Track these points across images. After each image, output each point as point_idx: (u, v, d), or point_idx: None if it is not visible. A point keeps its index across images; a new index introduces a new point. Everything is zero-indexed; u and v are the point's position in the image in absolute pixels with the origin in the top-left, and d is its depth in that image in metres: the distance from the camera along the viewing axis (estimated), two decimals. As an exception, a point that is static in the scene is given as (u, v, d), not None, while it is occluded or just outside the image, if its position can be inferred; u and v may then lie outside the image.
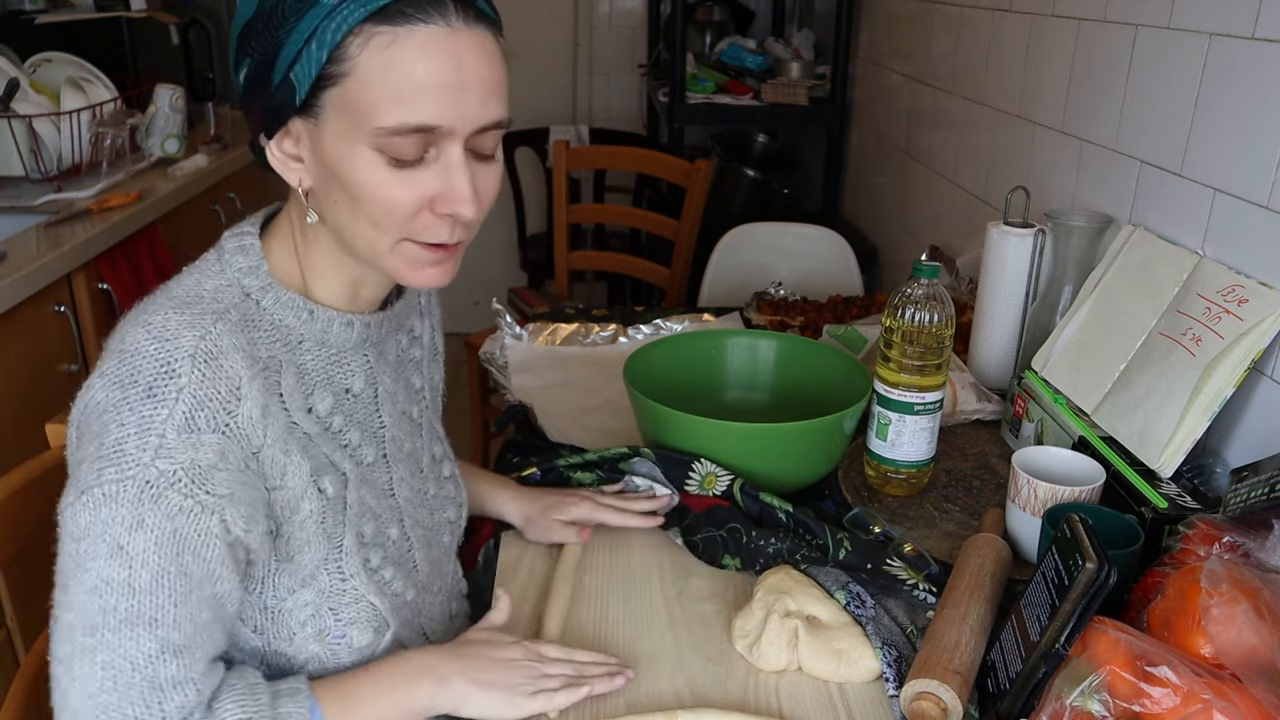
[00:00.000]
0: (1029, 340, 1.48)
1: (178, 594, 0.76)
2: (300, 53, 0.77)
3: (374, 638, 0.92)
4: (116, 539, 0.75)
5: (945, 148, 2.17)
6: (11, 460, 1.06)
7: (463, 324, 3.39)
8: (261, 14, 0.79)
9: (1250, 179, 1.16)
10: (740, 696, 0.94)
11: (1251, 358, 1.10)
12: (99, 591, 0.75)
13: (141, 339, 0.78)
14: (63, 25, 2.52)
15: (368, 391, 0.94)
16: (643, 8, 3.86)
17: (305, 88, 0.78)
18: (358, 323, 0.91)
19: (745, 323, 1.85)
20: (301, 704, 0.82)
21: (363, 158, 0.79)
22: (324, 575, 0.88)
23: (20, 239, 1.86)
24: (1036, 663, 0.83)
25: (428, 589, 1.03)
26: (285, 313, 0.87)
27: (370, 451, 0.94)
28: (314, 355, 0.89)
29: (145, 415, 0.76)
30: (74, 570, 0.76)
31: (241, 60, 0.81)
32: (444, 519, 1.06)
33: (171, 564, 0.76)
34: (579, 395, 1.56)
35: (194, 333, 0.79)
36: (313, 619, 0.88)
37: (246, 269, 0.87)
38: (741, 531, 1.12)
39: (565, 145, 2.58)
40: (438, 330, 1.12)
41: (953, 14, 2.11)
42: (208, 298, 0.84)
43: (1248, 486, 0.95)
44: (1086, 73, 1.54)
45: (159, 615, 0.75)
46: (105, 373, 0.78)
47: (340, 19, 0.76)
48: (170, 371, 0.77)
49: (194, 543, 0.76)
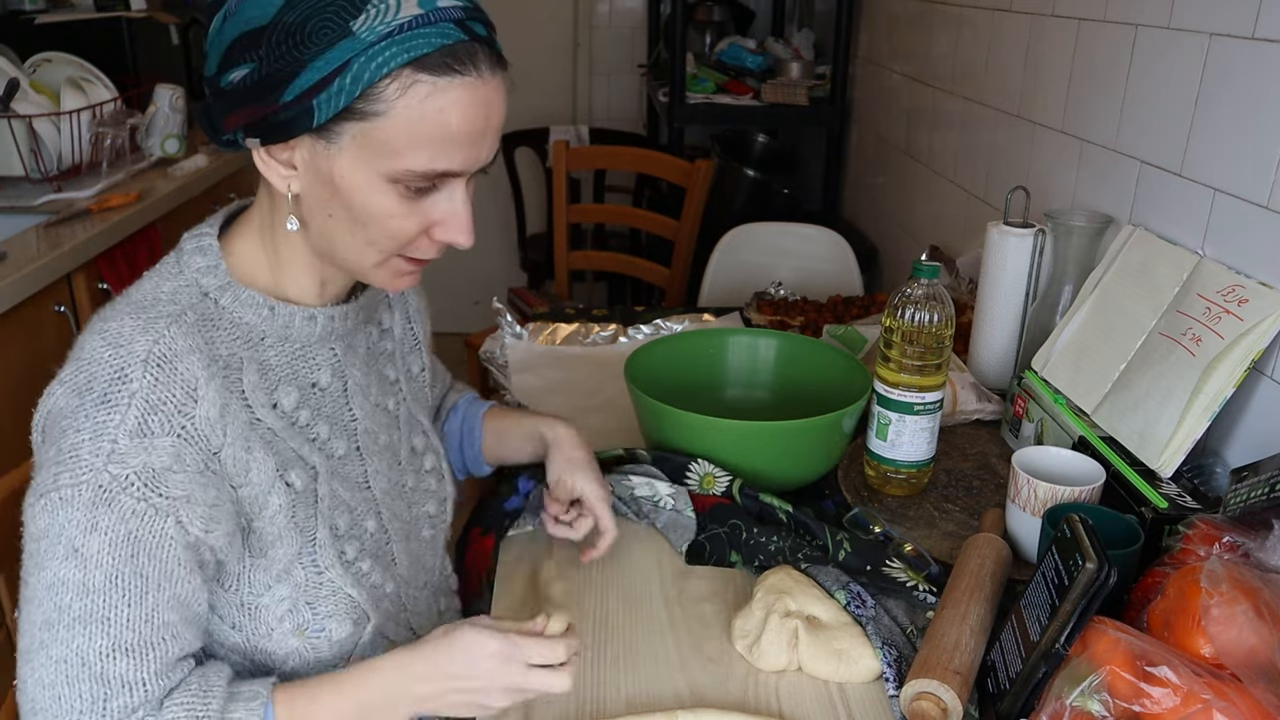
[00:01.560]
0: (1029, 340, 1.48)
1: (132, 594, 0.78)
2: (326, 80, 0.77)
3: (354, 629, 0.93)
4: (72, 541, 0.77)
5: (945, 148, 2.17)
6: (11, 460, 1.06)
7: (463, 324, 3.39)
8: (279, 26, 0.77)
9: (1250, 179, 1.16)
10: (740, 696, 0.94)
11: (1251, 358, 1.10)
12: (55, 590, 0.77)
13: (97, 345, 0.80)
14: (63, 25, 2.52)
15: (336, 385, 0.95)
16: (643, 8, 3.86)
17: (326, 115, 0.78)
18: (320, 316, 0.92)
19: (745, 323, 1.85)
20: (255, 710, 0.81)
21: (376, 188, 0.81)
22: (299, 569, 0.89)
23: (20, 239, 1.86)
24: (1036, 663, 0.83)
25: (411, 583, 1.03)
26: (245, 310, 0.88)
27: (341, 444, 0.95)
28: (277, 351, 0.90)
29: (99, 421, 0.78)
30: (33, 568, 0.79)
31: (236, 61, 0.79)
32: (423, 512, 1.06)
33: (126, 565, 0.78)
34: (579, 395, 1.56)
35: (147, 338, 0.80)
36: (290, 614, 0.89)
37: (204, 269, 0.87)
38: (742, 528, 1.12)
39: (565, 145, 2.58)
40: (415, 320, 1.11)
41: (953, 14, 2.11)
42: (165, 300, 0.85)
43: (1248, 486, 0.95)
44: (1086, 73, 1.54)
45: (111, 615, 0.78)
46: (64, 379, 0.81)
47: (380, 60, 0.76)
48: (123, 377, 0.79)
49: (149, 544, 0.78)
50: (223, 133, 0.84)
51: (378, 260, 0.86)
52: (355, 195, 0.81)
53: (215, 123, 0.84)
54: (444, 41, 0.77)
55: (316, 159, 0.81)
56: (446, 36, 0.77)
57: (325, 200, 0.83)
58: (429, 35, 0.77)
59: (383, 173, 0.80)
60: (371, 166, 0.80)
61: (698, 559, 1.15)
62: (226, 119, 0.82)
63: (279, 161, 0.83)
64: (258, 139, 0.82)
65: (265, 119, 0.80)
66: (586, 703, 0.92)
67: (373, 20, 0.76)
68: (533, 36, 3.83)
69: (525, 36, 3.79)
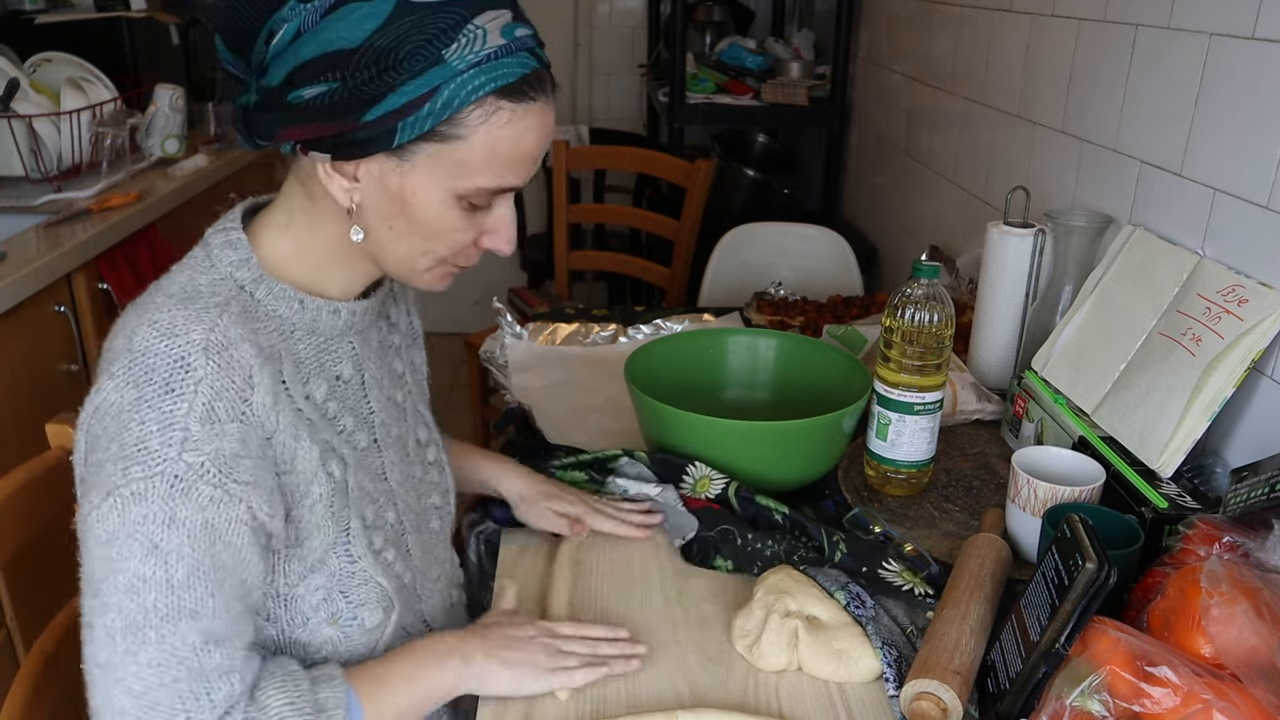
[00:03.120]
0: (1029, 340, 1.48)
1: (213, 584, 0.78)
2: (415, 104, 0.78)
3: (383, 617, 0.94)
4: (150, 537, 0.75)
5: (945, 148, 2.17)
6: (11, 460, 1.06)
7: (463, 324, 3.39)
8: (370, 50, 0.77)
9: (1250, 179, 1.16)
10: (740, 696, 0.94)
11: (1251, 358, 1.10)
12: (136, 591, 0.75)
13: (150, 337, 0.79)
14: (63, 25, 2.52)
15: (356, 378, 0.96)
16: (643, 8, 3.86)
17: (409, 136, 0.80)
18: (344, 310, 0.93)
19: (745, 323, 1.85)
20: (338, 689, 0.83)
21: (444, 203, 0.84)
22: (334, 558, 0.90)
23: (20, 239, 1.86)
24: (1036, 663, 0.83)
25: (425, 574, 1.04)
26: (278, 303, 0.89)
27: (363, 437, 0.96)
28: (305, 344, 0.91)
29: (165, 410, 0.77)
30: (106, 573, 0.76)
31: (313, 78, 0.79)
32: (430, 504, 1.07)
33: (205, 555, 0.77)
34: (579, 395, 1.56)
35: (202, 325, 0.80)
36: (325, 603, 0.90)
37: (237, 262, 0.88)
38: (735, 534, 1.12)
39: (565, 145, 2.58)
40: (413, 313, 1.13)
41: (953, 14, 2.11)
42: (205, 292, 0.85)
43: (1248, 486, 0.95)
44: (1086, 73, 1.54)
45: (199, 607, 0.77)
46: (116, 374, 0.79)
47: (470, 87, 0.79)
48: (185, 365, 0.78)
49: (225, 532, 0.78)
50: (271, 141, 0.85)
51: (429, 266, 0.90)
52: (422, 210, 0.84)
53: (264, 130, 0.84)
54: (524, 70, 0.81)
55: (386, 175, 0.83)
56: (525, 65, 0.82)
57: (390, 214, 0.85)
58: (511, 65, 0.81)
59: (453, 190, 0.84)
60: (443, 184, 0.83)
61: (685, 559, 1.15)
62: (284, 130, 0.83)
63: (343, 175, 0.84)
64: (327, 155, 0.83)
65: (339, 136, 0.81)
66: (586, 702, 0.92)
67: (464, 49, 0.78)
68: (533, 36, 3.82)
69: (525, 36, 3.78)
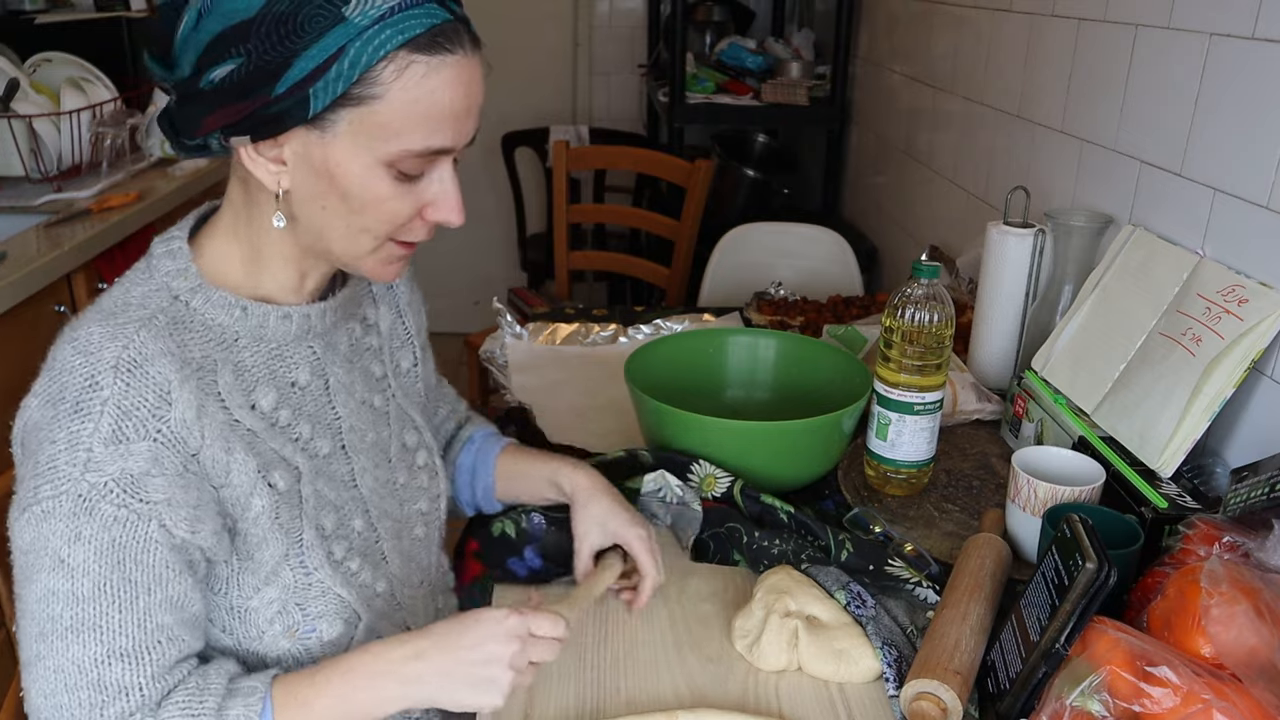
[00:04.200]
0: (1029, 340, 1.48)
1: (122, 600, 0.79)
2: (322, 68, 0.77)
3: (345, 629, 0.93)
4: (57, 552, 0.78)
5: (945, 148, 2.17)
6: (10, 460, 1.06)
7: (463, 324, 3.39)
8: (268, 17, 0.76)
9: (1250, 179, 1.16)
10: (740, 696, 0.94)
11: (1251, 358, 1.10)
12: (46, 601, 0.78)
13: (68, 355, 0.81)
14: (63, 25, 2.52)
15: (316, 383, 0.94)
16: (643, 8, 3.86)
17: (323, 104, 0.78)
18: (296, 315, 0.91)
19: (745, 323, 1.85)
20: (254, 705, 0.81)
21: (373, 173, 0.82)
22: (286, 570, 0.89)
23: (20, 239, 1.86)
24: (1036, 663, 0.83)
25: (405, 581, 1.02)
26: (217, 312, 0.87)
27: (325, 443, 0.94)
28: (252, 351, 0.89)
29: (73, 431, 0.78)
30: (24, 581, 0.80)
31: (219, 58, 0.78)
32: (415, 510, 1.05)
33: (113, 572, 0.78)
34: (579, 395, 1.56)
35: (116, 344, 0.80)
36: (280, 615, 0.89)
37: (175, 272, 0.87)
38: (742, 532, 1.12)
39: (565, 145, 2.58)
40: (406, 314, 1.10)
41: (953, 14, 2.11)
42: (135, 305, 0.85)
43: (1248, 486, 0.95)
44: (1086, 73, 1.54)
45: (103, 622, 0.78)
46: (38, 391, 0.82)
47: (376, 43, 0.77)
48: (94, 385, 0.79)
49: (134, 550, 0.79)
50: (196, 136, 0.83)
51: (371, 247, 0.87)
52: (352, 182, 0.82)
53: (186, 127, 0.83)
54: (433, 21, 0.79)
55: (310, 150, 0.81)
56: (434, 16, 0.79)
57: (320, 193, 0.83)
58: (419, 16, 0.78)
59: (379, 156, 0.81)
60: (368, 151, 0.80)
61: (702, 558, 1.15)
62: (204, 120, 0.81)
63: (267, 159, 0.82)
64: (246, 137, 0.81)
65: (254, 114, 0.79)
66: (586, 702, 0.92)
67: (365, 5, 0.76)
68: (533, 36, 3.83)
69: (525, 36, 3.79)
